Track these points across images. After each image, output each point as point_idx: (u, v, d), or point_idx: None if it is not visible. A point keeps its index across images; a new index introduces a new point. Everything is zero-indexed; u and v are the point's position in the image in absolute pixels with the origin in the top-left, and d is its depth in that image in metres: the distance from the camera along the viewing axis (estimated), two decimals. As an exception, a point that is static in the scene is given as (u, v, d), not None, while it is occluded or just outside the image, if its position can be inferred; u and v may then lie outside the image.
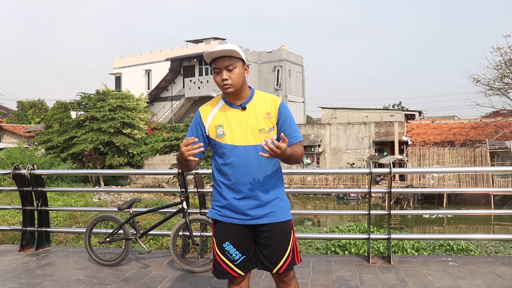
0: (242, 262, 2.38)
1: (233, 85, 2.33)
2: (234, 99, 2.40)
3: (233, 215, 2.38)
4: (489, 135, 26.10)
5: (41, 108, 43.47)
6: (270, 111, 2.39)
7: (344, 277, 3.90)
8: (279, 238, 2.38)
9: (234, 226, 2.38)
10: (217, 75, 2.35)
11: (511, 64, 22.77)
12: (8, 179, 18.01)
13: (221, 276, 2.43)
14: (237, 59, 2.34)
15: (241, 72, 2.35)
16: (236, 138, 2.35)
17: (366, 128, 29.60)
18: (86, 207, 12.49)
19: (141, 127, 28.83)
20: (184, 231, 4.41)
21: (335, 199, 25.80)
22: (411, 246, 5.99)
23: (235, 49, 2.31)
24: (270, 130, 2.38)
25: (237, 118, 2.38)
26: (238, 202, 2.36)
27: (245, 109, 2.39)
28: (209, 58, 2.35)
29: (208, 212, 2.51)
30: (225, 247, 2.39)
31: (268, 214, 2.37)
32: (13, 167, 4.91)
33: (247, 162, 2.33)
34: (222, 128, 2.37)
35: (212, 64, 2.37)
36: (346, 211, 10.75)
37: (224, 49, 2.30)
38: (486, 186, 22.18)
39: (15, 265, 4.50)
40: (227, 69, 2.32)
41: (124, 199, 19.16)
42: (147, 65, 40.69)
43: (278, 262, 2.37)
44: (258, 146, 2.33)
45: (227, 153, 2.36)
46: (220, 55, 2.32)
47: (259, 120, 2.37)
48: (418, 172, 25.52)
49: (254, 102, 2.41)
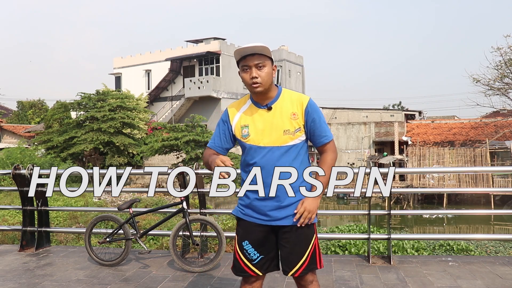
0: (260, 262, 2.38)
1: (262, 84, 2.30)
2: (261, 98, 2.37)
3: (255, 214, 2.38)
4: (489, 135, 26.10)
5: (41, 108, 43.46)
6: (296, 112, 2.35)
7: (344, 277, 3.90)
8: (297, 240, 2.34)
9: (255, 226, 2.38)
10: (246, 73, 2.31)
11: (511, 64, 22.78)
12: (8, 179, 18.01)
13: (238, 273, 2.44)
14: (267, 58, 2.31)
15: (270, 71, 2.32)
16: (260, 139, 2.33)
17: (366, 128, 29.60)
18: (86, 207, 12.49)
19: (141, 127, 28.82)
20: (184, 231, 4.40)
21: (335, 199, 25.79)
22: (411, 246, 5.99)
23: (267, 47, 2.28)
24: (296, 131, 2.34)
25: (262, 118, 2.35)
26: (259, 202, 2.35)
27: (271, 109, 2.35)
28: (238, 55, 2.31)
29: (233, 209, 2.52)
30: (244, 246, 2.39)
31: (289, 216, 2.33)
32: (13, 167, 4.91)
33: (270, 163, 2.30)
34: (247, 128, 2.36)
35: (240, 62, 2.33)
36: (346, 211, 10.77)
37: (255, 45, 2.26)
38: (486, 186, 22.17)
39: (15, 265, 4.50)
40: (257, 66, 2.29)
41: (124, 199, 19.15)
42: (147, 65, 40.67)
43: (294, 265, 2.34)
44: (282, 147, 2.31)
45: (251, 154, 2.36)
46: (251, 52, 2.28)
47: (284, 121, 2.33)
48: (418, 172, 25.53)
49: (280, 102, 2.37)
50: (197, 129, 23.66)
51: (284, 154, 2.32)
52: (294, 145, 2.34)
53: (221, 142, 2.47)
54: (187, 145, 22.58)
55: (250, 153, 2.36)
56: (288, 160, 2.32)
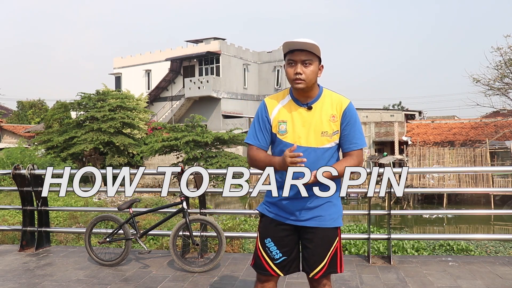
0: (282, 263, 2.35)
1: (305, 81, 2.24)
2: (302, 96, 2.32)
3: (281, 213, 2.35)
4: (489, 135, 26.10)
5: (41, 108, 43.47)
6: (336, 114, 2.31)
7: (344, 277, 3.90)
8: (320, 243, 2.32)
9: (279, 224, 2.35)
10: (291, 67, 2.26)
11: (511, 64, 22.78)
12: (8, 179, 17.99)
13: (258, 270, 2.40)
14: (315, 56, 2.25)
15: (315, 70, 2.27)
16: (297, 138, 2.28)
17: (366, 128, 29.59)
18: (86, 207, 12.49)
19: (141, 127, 28.81)
20: (184, 231, 4.40)
21: (335, 199, 25.77)
22: (411, 246, 5.98)
23: (317, 45, 2.22)
24: (333, 134, 2.30)
25: (301, 117, 2.30)
26: (287, 202, 2.32)
27: (311, 109, 2.30)
28: (287, 48, 2.26)
29: (258, 206, 2.48)
30: (267, 243, 2.36)
31: (314, 218, 2.32)
32: (13, 167, 4.91)
33: (306, 164, 2.20)
34: (285, 124, 2.30)
35: (287, 55, 2.28)
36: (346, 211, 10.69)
37: (306, 41, 2.21)
38: (486, 186, 22.17)
39: (15, 265, 4.50)
40: (303, 63, 2.24)
41: (124, 199, 19.15)
42: (147, 65, 40.68)
43: (316, 267, 2.32)
44: (318, 149, 2.28)
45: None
46: (300, 48, 2.22)
47: (323, 123, 2.29)
48: (418, 172, 25.51)
49: (320, 102, 2.32)
50: (197, 129, 23.64)
51: (320, 157, 2.29)
52: (330, 148, 2.31)
53: (264, 137, 2.37)
54: (187, 145, 22.56)
55: (285, 151, 2.24)
56: (323, 162, 2.28)
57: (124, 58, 42.47)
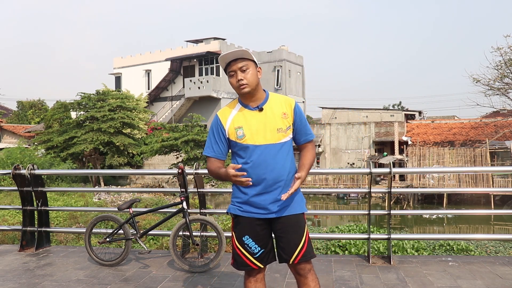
0: (261, 255, 2.51)
1: (248, 85, 2.45)
2: (250, 100, 2.53)
3: (254, 210, 2.51)
4: (489, 135, 26.10)
5: (41, 108, 43.44)
6: (286, 112, 2.53)
7: (344, 277, 3.90)
8: (293, 229, 2.50)
9: (253, 221, 2.51)
10: (233, 78, 2.48)
11: (511, 64, 22.77)
12: (8, 179, 18.02)
13: (241, 267, 2.56)
14: (249, 61, 2.48)
15: (254, 73, 2.48)
16: (256, 138, 2.48)
17: (366, 128, 29.60)
18: (86, 207, 12.49)
19: (141, 127, 28.82)
20: (184, 231, 4.40)
21: (335, 199, 25.80)
22: (411, 246, 5.99)
23: (247, 51, 2.46)
24: (287, 129, 2.53)
25: (255, 119, 2.50)
26: (258, 198, 2.49)
27: (262, 110, 2.51)
28: (223, 62, 2.50)
29: (228, 208, 2.64)
30: (245, 240, 2.52)
31: (284, 208, 2.50)
32: (13, 167, 4.90)
33: (267, 159, 2.46)
34: (242, 129, 2.49)
35: (227, 69, 2.51)
36: (346, 211, 10.76)
37: (236, 51, 2.45)
38: (486, 186, 22.18)
39: (15, 265, 4.50)
40: (241, 70, 2.46)
41: (124, 199, 19.15)
42: (147, 65, 40.68)
43: (293, 253, 2.48)
44: (277, 144, 2.49)
45: (248, 153, 2.48)
46: (233, 58, 2.46)
47: (277, 120, 2.50)
48: (418, 172, 25.48)
49: (270, 104, 2.54)
50: (195, 129, 23.64)
51: (279, 151, 2.50)
52: (286, 142, 2.53)
53: (220, 148, 2.57)
54: (186, 145, 22.56)
55: (247, 153, 2.48)
56: (283, 156, 2.50)
57: (124, 58, 42.47)
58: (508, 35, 22.35)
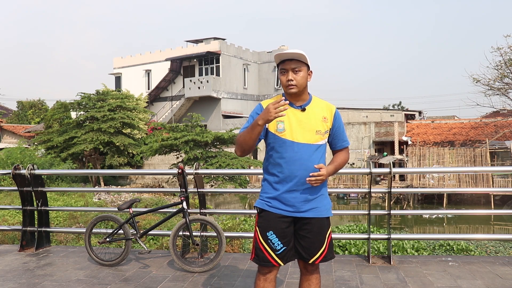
0: (283, 253, 2.55)
1: (296, 86, 2.52)
2: (295, 99, 2.59)
3: (282, 206, 2.55)
4: (489, 135, 26.11)
5: (41, 108, 43.47)
6: (327, 116, 2.62)
7: (344, 277, 3.90)
8: (318, 231, 2.58)
9: (279, 217, 2.55)
10: (283, 75, 2.56)
11: (511, 64, 22.78)
12: (8, 179, 18.01)
13: (262, 263, 2.57)
14: (303, 64, 2.54)
15: (305, 76, 2.55)
16: (295, 135, 2.54)
17: (366, 128, 29.60)
18: (86, 207, 12.48)
19: (141, 127, 28.81)
20: (184, 231, 4.41)
21: (335, 199, 25.80)
22: (411, 246, 5.99)
23: (303, 54, 2.50)
24: (325, 132, 2.61)
25: (296, 117, 2.56)
26: (288, 195, 2.54)
27: (305, 111, 2.58)
28: (278, 59, 2.56)
29: (255, 202, 2.67)
30: (269, 236, 2.54)
31: (313, 209, 2.57)
32: (13, 167, 4.90)
33: (302, 158, 2.52)
34: (283, 124, 2.54)
35: (279, 65, 2.58)
36: (346, 211, 10.74)
37: (294, 52, 2.50)
38: (486, 186, 22.18)
39: (15, 265, 4.50)
40: (293, 70, 2.52)
41: (124, 199, 19.15)
42: (147, 65, 40.68)
43: (315, 254, 2.57)
44: (313, 145, 2.56)
45: (285, 148, 2.53)
46: (289, 58, 2.52)
47: (317, 122, 2.58)
48: (418, 172, 25.48)
49: (312, 106, 2.62)
50: (196, 129, 23.63)
51: (315, 152, 2.56)
52: (322, 145, 2.61)
53: None
54: (186, 145, 22.55)
55: (284, 147, 2.53)
56: (317, 157, 2.57)
57: (124, 58, 42.47)
58: (508, 35, 22.38)
